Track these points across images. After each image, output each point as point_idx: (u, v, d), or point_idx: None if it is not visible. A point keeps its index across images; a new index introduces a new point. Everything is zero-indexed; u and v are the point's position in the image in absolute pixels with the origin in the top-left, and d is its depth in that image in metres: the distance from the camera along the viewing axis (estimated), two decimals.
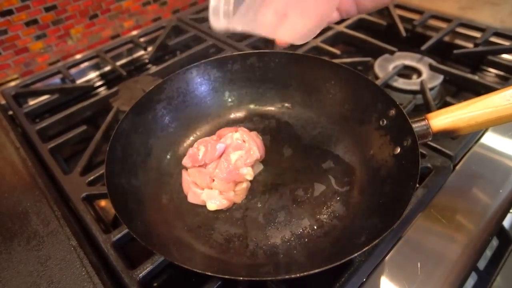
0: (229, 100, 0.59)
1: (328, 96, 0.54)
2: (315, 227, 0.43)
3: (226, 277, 0.31)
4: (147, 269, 0.40)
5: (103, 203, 0.54)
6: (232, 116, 0.58)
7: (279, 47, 0.40)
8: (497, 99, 0.40)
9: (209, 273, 0.31)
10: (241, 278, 0.32)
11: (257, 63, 0.57)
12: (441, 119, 0.42)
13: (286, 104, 0.58)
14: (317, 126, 0.55)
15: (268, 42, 0.87)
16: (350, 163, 0.49)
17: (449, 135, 0.42)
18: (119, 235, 0.44)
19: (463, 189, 0.49)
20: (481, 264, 0.49)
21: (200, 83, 0.56)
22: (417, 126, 0.42)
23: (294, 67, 0.56)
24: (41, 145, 0.58)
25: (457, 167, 0.52)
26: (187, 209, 0.46)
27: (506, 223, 0.54)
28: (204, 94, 0.57)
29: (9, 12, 0.76)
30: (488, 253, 0.51)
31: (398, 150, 0.43)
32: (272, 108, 0.58)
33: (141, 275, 0.40)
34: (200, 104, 0.57)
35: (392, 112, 0.45)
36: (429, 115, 0.43)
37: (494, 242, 0.52)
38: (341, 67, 0.52)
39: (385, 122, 0.46)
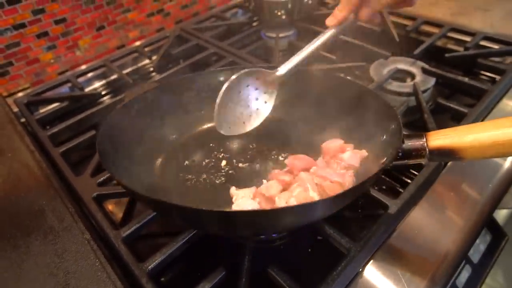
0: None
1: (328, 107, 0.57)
2: None
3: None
4: (156, 261, 0.43)
5: (110, 206, 0.58)
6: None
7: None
8: (508, 122, 0.35)
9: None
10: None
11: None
12: (440, 137, 0.38)
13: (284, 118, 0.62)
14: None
15: (268, 50, 0.91)
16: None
17: (448, 156, 0.38)
18: (128, 231, 0.47)
19: (454, 184, 0.52)
20: (475, 258, 0.51)
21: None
22: (412, 141, 0.40)
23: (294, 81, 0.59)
24: (53, 149, 0.62)
25: (449, 163, 0.55)
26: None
27: (499, 218, 0.57)
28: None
29: (22, 26, 0.80)
30: (482, 247, 0.53)
31: (384, 159, 0.42)
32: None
33: (150, 267, 0.43)
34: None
35: (393, 126, 0.44)
36: (429, 133, 0.40)
37: (488, 237, 0.54)
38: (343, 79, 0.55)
39: (384, 137, 0.46)
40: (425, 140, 0.40)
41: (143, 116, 0.56)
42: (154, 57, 0.89)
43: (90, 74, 0.86)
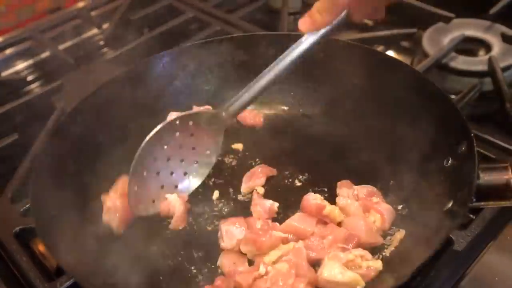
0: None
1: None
2: None
3: None
4: None
5: (42, 246, 0.57)
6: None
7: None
8: None
9: None
10: None
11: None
12: None
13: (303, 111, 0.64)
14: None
15: (272, 13, 0.91)
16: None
17: None
18: (68, 283, 0.47)
19: None
20: None
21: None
22: (493, 174, 0.40)
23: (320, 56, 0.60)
24: None
25: None
26: None
27: None
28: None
29: None
30: None
31: (450, 204, 0.43)
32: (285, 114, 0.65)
33: None
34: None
35: (463, 148, 0.44)
36: None
37: None
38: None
39: (450, 161, 0.46)
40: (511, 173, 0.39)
41: (96, 130, 0.56)
42: (105, 25, 0.89)
43: (9, 51, 0.86)
